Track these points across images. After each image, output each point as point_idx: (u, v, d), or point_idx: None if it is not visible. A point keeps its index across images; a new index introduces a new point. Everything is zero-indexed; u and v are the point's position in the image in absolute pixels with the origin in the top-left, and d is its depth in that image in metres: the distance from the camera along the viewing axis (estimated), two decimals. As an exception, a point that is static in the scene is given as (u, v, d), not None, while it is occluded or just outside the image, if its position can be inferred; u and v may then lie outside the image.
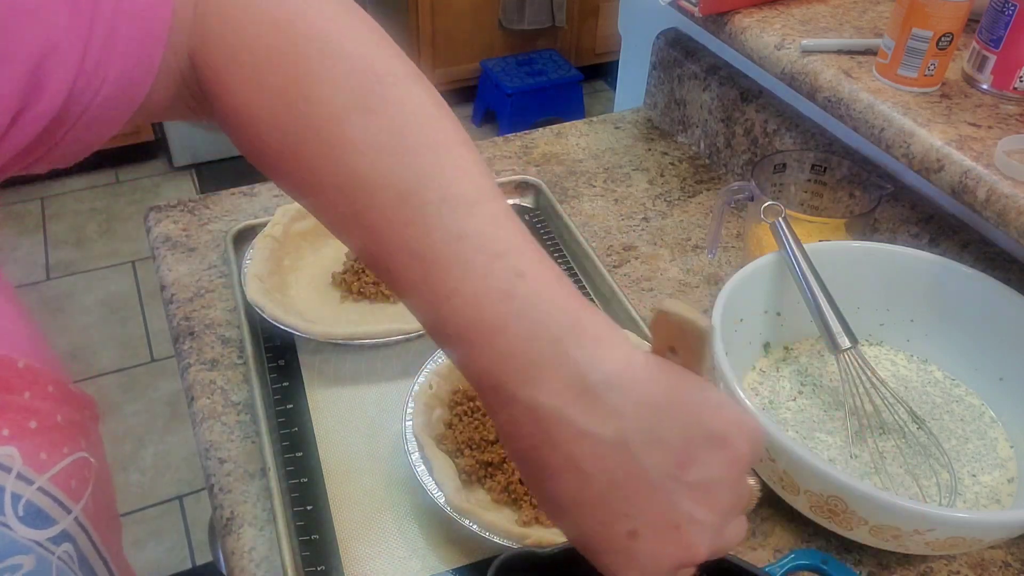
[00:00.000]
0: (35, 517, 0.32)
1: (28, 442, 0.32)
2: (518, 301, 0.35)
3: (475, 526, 0.60)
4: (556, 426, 0.34)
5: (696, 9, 0.88)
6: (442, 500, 0.62)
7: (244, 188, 1.00)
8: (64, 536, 0.33)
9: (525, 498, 0.65)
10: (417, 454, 0.65)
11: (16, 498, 0.31)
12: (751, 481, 0.38)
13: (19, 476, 0.31)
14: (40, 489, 0.32)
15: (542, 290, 0.35)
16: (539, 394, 0.34)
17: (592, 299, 0.87)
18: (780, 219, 0.73)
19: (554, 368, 0.34)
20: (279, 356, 0.79)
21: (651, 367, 0.35)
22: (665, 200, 1.02)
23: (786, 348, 0.78)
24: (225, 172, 2.63)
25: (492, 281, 0.35)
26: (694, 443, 0.35)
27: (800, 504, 0.62)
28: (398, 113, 0.38)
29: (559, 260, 0.92)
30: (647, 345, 0.38)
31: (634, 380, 0.34)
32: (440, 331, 0.37)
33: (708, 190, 1.05)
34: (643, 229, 0.98)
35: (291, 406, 0.74)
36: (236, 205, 0.97)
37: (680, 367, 0.35)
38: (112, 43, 0.36)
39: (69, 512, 0.34)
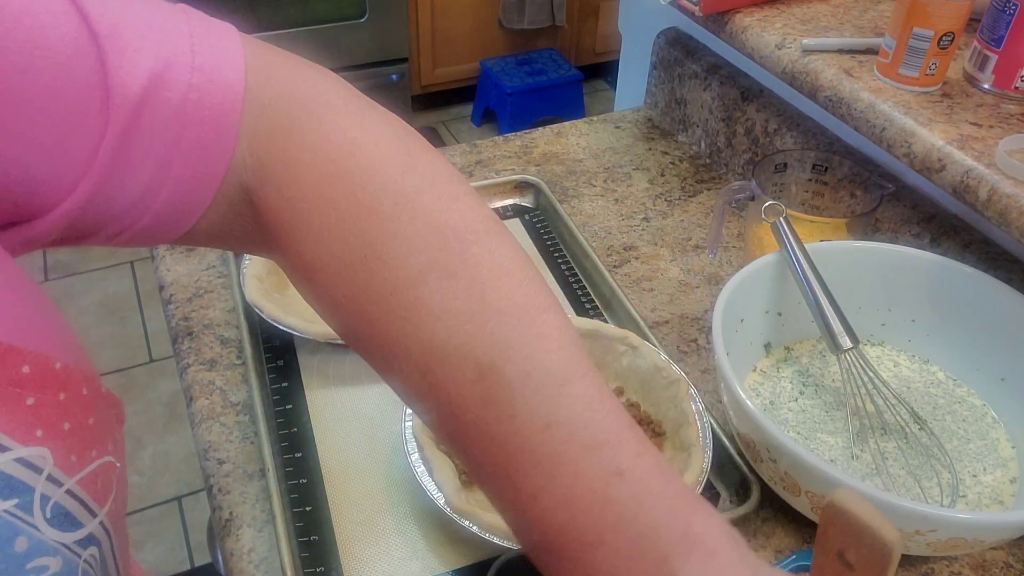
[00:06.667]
0: (63, 520, 0.31)
1: (60, 443, 0.32)
2: (617, 507, 0.29)
3: (475, 527, 0.60)
4: None
5: (697, 8, 0.88)
6: (442, 501, 0.61)
7: (243, 188, 0.99)
8: (90, 540, 0.33)
9: (525, 499, 0.64)
10: (417, 455, 0.65)
11: (45, 500, 0.30)
12: None
13: (49, 478, 0.31)
14: (69, 492, 0.32)
15: (645, 493, 0.30)
16: None
17: (592, 299, 0.87)
18: (781, 219, 0.72)
19: None
20: (278, 356, 0.78)
21: None
22: (665, 200, 1.02)
23: (787, 348, 0.78)
24: (224, 172, 2.63)
25: (586, 481, 0.30)
26: None
27: (801, 505, 0.62)
28: (478, 275, 0.34)
29: (559, 260, 0.91)
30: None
31: None
32: (526, 535, 0.32)
33: (709, 190, 1.04)
34: (643, 229, 0.97)
35: (290, 407, 0.74)
36: (235, 205, 0.97)
37: None
38: (168, 167, 0.35)
39: (95, 516, 0.33)
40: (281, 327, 0.76)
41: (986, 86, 0.74)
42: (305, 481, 0.68)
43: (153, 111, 0.33)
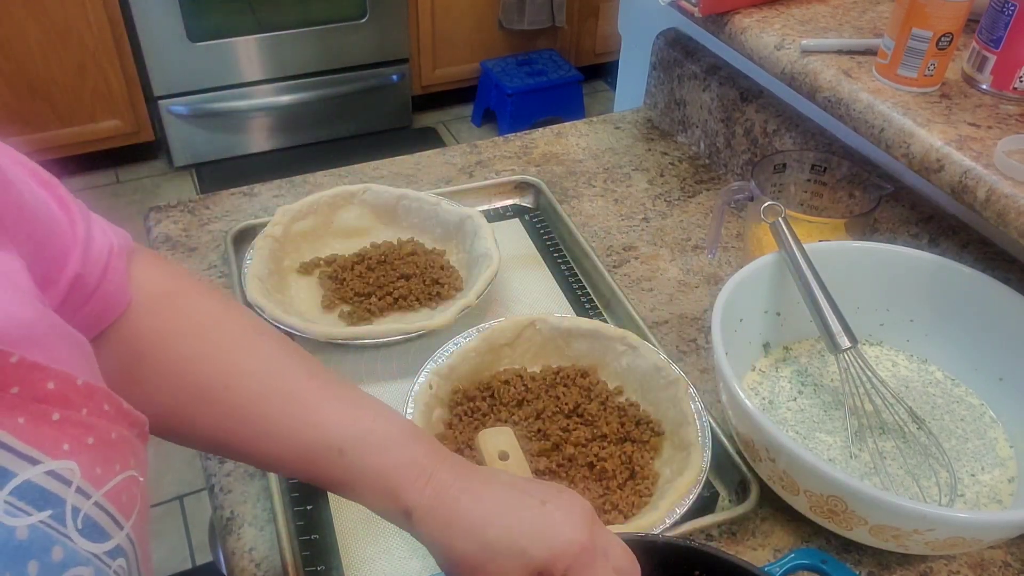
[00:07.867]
0: (92, 531, 0.33)
1: (86, 457, 0.33)
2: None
3: (475, 526, 0.60)
4: (461, 485, 0.48)
5: (696, 9, 0.88)
6: (442, 500, 0.62)
7: (244, 188, 1.00)
8: (119, 551, 0.34)
9: (525, 498, 0.65)
10: (417, 454, 0.65)
11: (75, 511, 0.32)
12: None
13: (78, 490, 0.32)
14: (96, 504, 0.33)
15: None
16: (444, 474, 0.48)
17: (592, 299, 0.87)
18: (780, 219, 0.73)
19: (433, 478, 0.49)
20: (279, 356, 0.78)
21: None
22: (665, 200, 1.03)
23: (786, 348, 0.78)
24: (225, 172, 2.63)
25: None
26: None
27: (800, 504, 0.62)
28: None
29: (559, 260, 0.92)
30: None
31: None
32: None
33: (708, 190, 1.05)
34: (643, 229, 0.98)
35: (291, 406, 0.74)
36: (236, 205, 0.97)
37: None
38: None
39: (121, 528, 0.35)
40: (282, 327, 0.76)
41: (984, 87, 0.74)
42: (306, 480, 0.68)
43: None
